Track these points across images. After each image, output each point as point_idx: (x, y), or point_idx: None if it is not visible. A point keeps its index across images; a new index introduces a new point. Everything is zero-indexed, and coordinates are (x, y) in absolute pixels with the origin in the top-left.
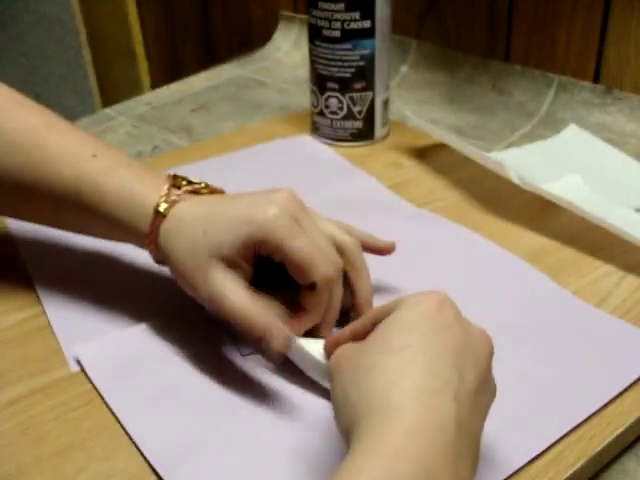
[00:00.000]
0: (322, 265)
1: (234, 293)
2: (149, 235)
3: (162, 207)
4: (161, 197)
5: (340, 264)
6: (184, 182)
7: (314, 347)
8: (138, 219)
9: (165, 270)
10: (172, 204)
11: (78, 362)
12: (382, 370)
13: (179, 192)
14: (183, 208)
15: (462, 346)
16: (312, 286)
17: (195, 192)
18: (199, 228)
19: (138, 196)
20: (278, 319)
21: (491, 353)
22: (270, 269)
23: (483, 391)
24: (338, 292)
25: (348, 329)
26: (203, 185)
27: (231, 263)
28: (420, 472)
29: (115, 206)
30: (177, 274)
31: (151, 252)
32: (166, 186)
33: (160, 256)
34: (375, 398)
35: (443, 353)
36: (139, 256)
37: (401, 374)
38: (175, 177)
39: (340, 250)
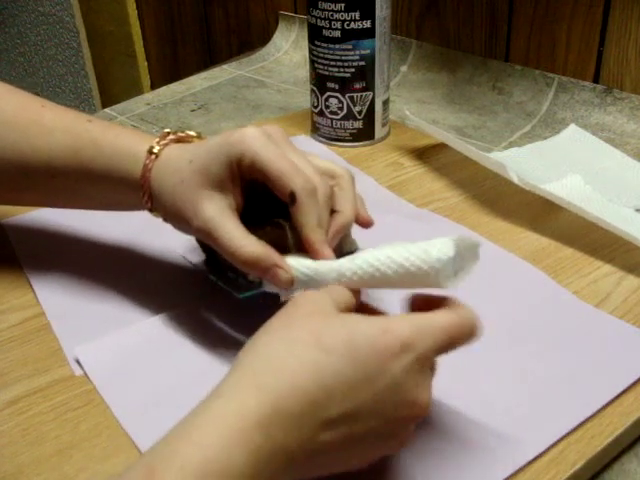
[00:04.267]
0: (299, 174)
1: (228, 221)
2: (142, 177)
3: (155, 149)
4: (155, 141)
5: (321, 179)
6: (177, 132)
7: (308, 264)
8: (132, 166)
9: (165, 270)
10: (164, 146)
11: (78, 363)
12: (284, 349)
13: (171, 137)
14: (173, 148)
15: (354, 387)
16: (292, 197)
17: (186, 138)
18: (185, 159)
19: (133, 145)
20: (273, 250)
21: (420, 414)
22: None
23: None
24: (324, 205)
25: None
26: (195, 134)
27: (219, 186)
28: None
29: (110, 158)
30: (169, 212)
31: (144, 198)
32: (160, 134)
33: (153, 200)
34: (245, 365)
35: (338, 376)
36: (139, 256)
37: (289, 364)
38: (169, 132)
39: (330, 174)
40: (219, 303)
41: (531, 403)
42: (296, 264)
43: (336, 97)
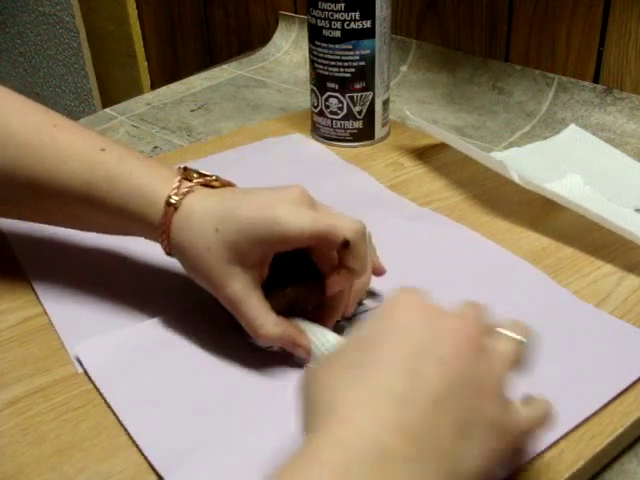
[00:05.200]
0: (346, 220)
1: (252, 296)
2: (161, 226)
3: (174, 199)
4: (172, 189)
5: (362, 223)
6: (195, 174)
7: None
8: (149, 209)
9: (165, 270)
10: (183, 196)
11: (79, 361)
12: (327, 386)
13: (190, 184)
14: (194, 200)
15: (421, 347)
16: (346, 243)
17: (206, 184)
18: (211, 223)
19: (149, 186)
20: (293, 328)
21: (468, 340)
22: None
23: (455, 391)
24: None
25: None
26: (214, 178)
27: (248, 264)
28: (338, 476)
29: (125, 195)
30: (190, 269)
31: (163, 244)
32: (178, 178)
33: (173, 249)
34: (316, 413)
35: (391, 360)
36: (139, 256)
37: (340, 391)
38: (186, 169)
39: None
40: (220, 304)
41: None
42: (317, 341)
43: (336, 97)
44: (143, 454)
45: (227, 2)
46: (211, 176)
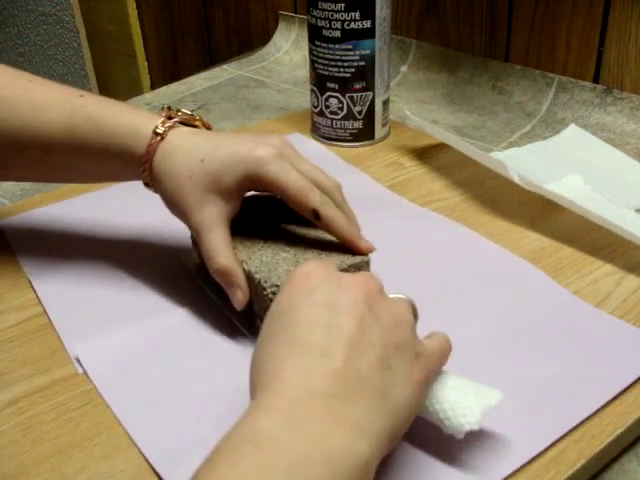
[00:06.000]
0: (315, 191)
1: (219, 229)
2: (145, 155)
3: (160, 129)
4: (160, 122)
5: (331, 180)
6: (178, 112)
7: None
8: (134, 142)
9: (165, 271)
10: (169, 129)
11: (78, 361)
12: (259, 357)
13: (175, 118)
14: (181, 132)
15: (329, 303)
16: (316, 215)
17: (189, 122)
18: (197, 154)
19: (134, 123)
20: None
21: (369, 290)
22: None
23: (368, 330)
24: (343, 202)
25: None
26: (197, 117)
27: (226, 195)
28: (285, 420)
29: (110, 133)
30: (169, 196)
31: (143, 174)
32: (163, 114)
33: (153, 179)
34: (257, 383)
35: (305, 319)
36: (139, 256)
37: (270, 358)
38: (170, 108)
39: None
40: (220, 304)
41: (531, 402)
42: None
43: (336, 97)
44: (143, 454)
45: (227, 2)
46: (194, 115)
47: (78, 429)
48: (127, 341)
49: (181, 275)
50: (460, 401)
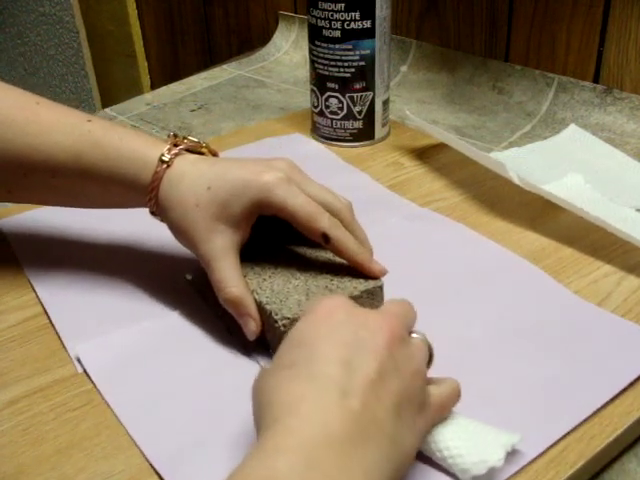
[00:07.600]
0: (324, 215)
1: (228, 258)
2: (151, 184)
3: (166, 157)
4: (165, 149)
5: (341, 201)
6: (185, 140)
7: None
8: (140, 169)
9: (166, 271)
10: (175, 156)
11: (78, 361)
12: (274, 387)
13: (181, 146)
14: (187, 161)
15: (353, 342)
16: (325, 238)
17: (195, 149)
18: (203, 182)
19: (140, 149)
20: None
21: (393, 336)
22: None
23: (387, 376)
24: (353, 223)
25: None
26: (204, 144)
27: (234, 224)
28: (300, 463)
29: (116, 159)
30: (175, 226)
31: (150, 202)
32: (169, 141)
33: (159, 208)
34: (268, 413)
35: (327, 354)
36: (139, 257)
37: (286, 389)
38: (175, 135)
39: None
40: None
41: (531, 402)
42: None
43: (336, 97)
44: (143, 454)
45: (227, 2)
46: (199, 142)
47: (78, 429)
48: (128, 341)
49: (182, 275)
50: (463, 446)
